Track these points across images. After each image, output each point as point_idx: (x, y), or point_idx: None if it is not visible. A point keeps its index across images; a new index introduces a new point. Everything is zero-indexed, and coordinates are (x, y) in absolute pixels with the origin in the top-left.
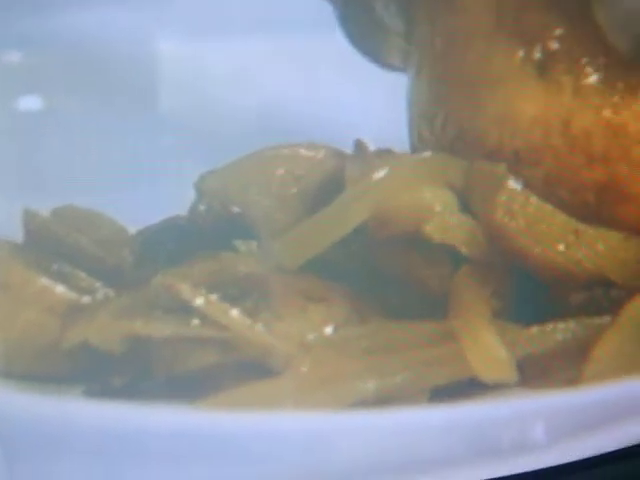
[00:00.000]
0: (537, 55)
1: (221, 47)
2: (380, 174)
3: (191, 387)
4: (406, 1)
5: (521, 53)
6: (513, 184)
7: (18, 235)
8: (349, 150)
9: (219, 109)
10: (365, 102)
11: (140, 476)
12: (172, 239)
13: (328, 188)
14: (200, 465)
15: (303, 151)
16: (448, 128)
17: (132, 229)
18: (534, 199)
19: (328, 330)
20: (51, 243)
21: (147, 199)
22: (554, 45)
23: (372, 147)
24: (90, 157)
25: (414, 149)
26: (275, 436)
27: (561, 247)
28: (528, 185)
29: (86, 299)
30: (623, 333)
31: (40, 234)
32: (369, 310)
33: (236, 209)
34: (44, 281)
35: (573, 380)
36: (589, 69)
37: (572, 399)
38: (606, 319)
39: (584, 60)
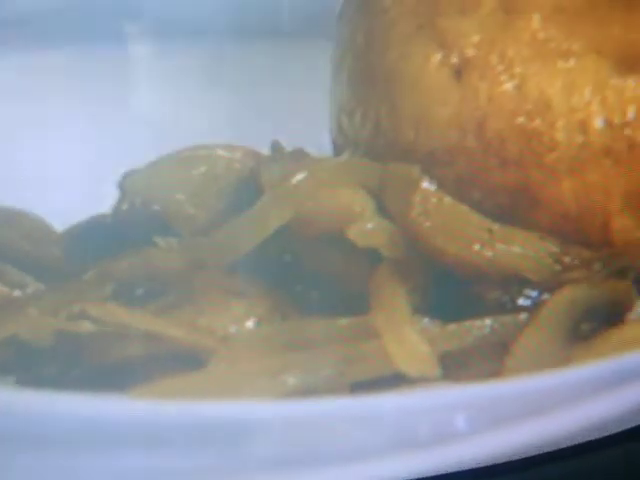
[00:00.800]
0: (453, 60)
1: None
2: (299, 177)
3: (119, 377)
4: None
5: (438, 57)
6: (427, 185)
7: None
8: (266, 151)
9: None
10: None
11: (68, 462)
12: (97, 237)
13: (245, 188)
14: (125, 453)
15: (220, 152)
16: (366, 124)
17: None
18: (448, 199)
19: (249, 324)
20: None
21: (71, 200)
22: (470, 52)
23: (287, 148)
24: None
25: (334, 143)
26: (197, 425)
27: (476, 246)
28: (442, 186)
29: (16, 293)
30: (543, 328)
31: None
32: (290, 307)
33: (157, 207)
34: None
35: (494, 373)
36: (504, 77)
37: (493, 391)
38: (523, 316)
39: (499, 68)
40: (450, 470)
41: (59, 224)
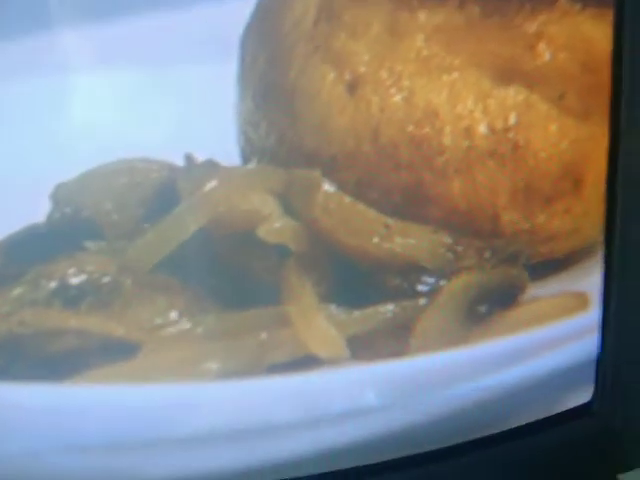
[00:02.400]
0: (347, 76)
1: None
2: (212, 185)
3: (58, 367)
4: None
5: (333, 74)
6: (328, 187)
7: None
8: (180, 162)
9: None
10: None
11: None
12: (33, 243)
13: (162, 195)
14: (65, 434)
15: (138, 164)
16: (271, 135)
17: None
18: (348, 199)
19: (173, 315)
20: None
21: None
22: (361, 69)
23: (200, 159)
24: None
25: (243, 152)
26: (128, 408)
27: (375, 239)
28: (342, 187)
29: None
30: (441, 310)
31: None
32: (209, 300)
33: (86, 215)
34: None
35: (399, 353)
36: (393, 90)
37: (397, 368)
38: (422, 300)
39: (389, 82)
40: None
41: None
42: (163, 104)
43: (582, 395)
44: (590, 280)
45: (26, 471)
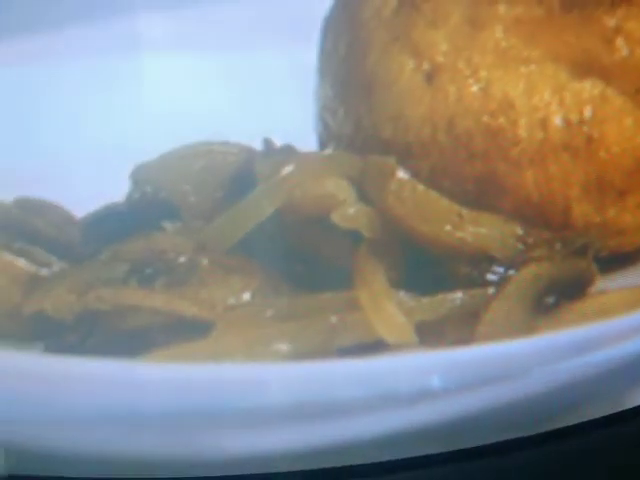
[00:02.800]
0: (425, 66)
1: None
2: (288, 169)
3: (133, 344)
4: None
5: (411, 64)
6: (402, 174)
7: None
8: (258, 146)
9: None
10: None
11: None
12: (112, 222)
13: (239, 179)
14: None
15: (218, 147)
16: (348, 121)
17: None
18: (421, 187)
19: (246, 296)
20: (14, 226)
21: (89, 190)
22: (440, 59)
23: (278, 144)
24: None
25: (320, 137)
26: (199, 385)
27: (447, 227)
28: (416, 175)
29: (44, 271)
30: (509, 300)
31: (4, 219)
32: (282, 281)
33: (164, 195)
34: (8, 256)
35: (465, 341)
36: (471, 80)
37: (464, 355)
38: (491, 290)
39: (466, 73)
40: (428, 424)
41: (79, 211)
42: (244, 89)
43: None
44: None
45: (94, 442)
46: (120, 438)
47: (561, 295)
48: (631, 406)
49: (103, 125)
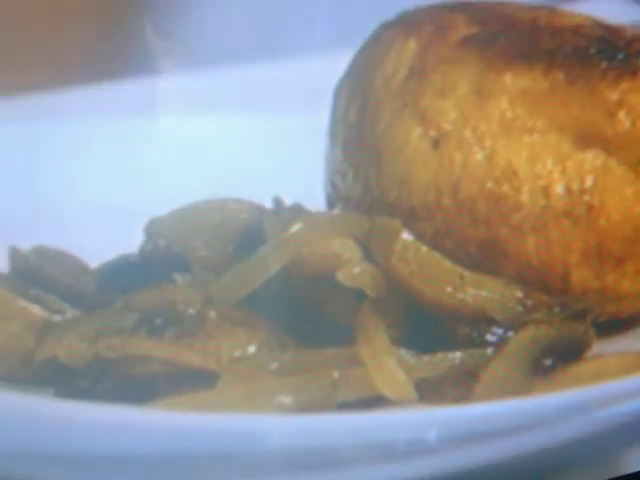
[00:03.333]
0: (432, 133)
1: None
2: (297, 227)
3: (141, 391)
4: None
5: (419, 130)
6: (407, 236)
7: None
8: (268, 205)
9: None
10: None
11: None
12: (125, 272)
13: (249, 235)
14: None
15: (231, 204)
16: (356, 184)
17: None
18: (425, 248)
19: (252, 349)
20: (30, 273)
21: (104, 241)
22: (447, 126)
23: (287, 203)
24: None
25: (328, 198)
26: (204, 433)
27: (448, 289)
28: (420, 237)
29: (57, 317)
30: (508, 361)
31: (22, 266)
32: (286, 336)
33: (177, 249)
34: (24, 302)
35: (463, 398)
36: (476, 148)
37: (462, 413)
38: (490, 350)
39: (472, 140)
40: (422, 478)
41: (93, 262)
42: (255, 149)
43: None
44: None
45: None
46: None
47: (558, 357)
48: (630, 471)
49: (120, 181)
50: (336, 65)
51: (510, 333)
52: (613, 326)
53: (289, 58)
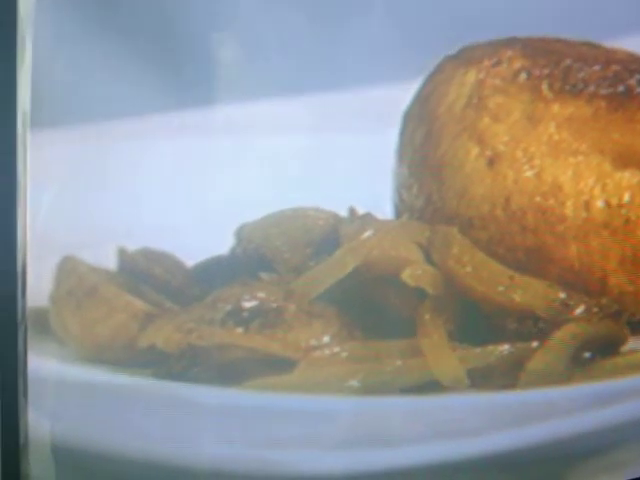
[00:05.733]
0: (488, 153)
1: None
2: (368, 233)
3: (230, 374)
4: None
5: (476, 150)
6: (463, 241)
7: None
8: (344, 213)
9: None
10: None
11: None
12: (216, 271)
13: (327, 239)
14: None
15: (311, 212)
16: (420, 196)
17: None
18: (479, 253)
19: (326, 339)
20: (137, 270)
21: (199, 243)
22: (501, 147)
23: (360, 212)
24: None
25: (396, 208)
26: (284, 413)
27: (499, 288)
28: (475, 243)
29: (157, 310)
30: (550, 354)
31: (128, 265)
32: (356, 328)
33: (263, 251)
34: (129, 296)
35: (510, 386)
36: (526, 167)
37: (509, 398)
38: (534, 343)
39: (523, 160)
40: (475, 456)
41: (190, 261)
42: (336, 165)
43: None
44: None
45: (188, 460)
46: (212, 453)
47: (596, 351)
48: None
49: (214, 191)
50: (404, 94)
51: (553, 329)
52: None
53: (365, 87)
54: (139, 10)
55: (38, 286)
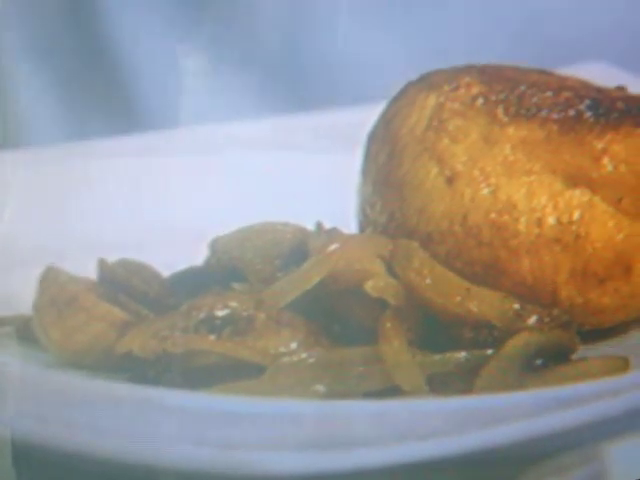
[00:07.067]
0: (447, 172)
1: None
2: (334, 247)
3: (201, 379)
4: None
5: (436, 170)
6: (423, 255)
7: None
8: (311, 227)
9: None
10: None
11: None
12: (191, 281)
13: (295, 252)
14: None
15: (280, 227)
16: (383, 213)
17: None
18: (438, 266)
19: (293, 346)
20: (115, 281)
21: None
22: (459, 167)
23: (326, 226)
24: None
25: (360, 223)
26: (252, 416)
27: (457, 299)
28: (434, 257)
29: (134, 318)
30: (505, 361)
31: (108, 275)
32: (322, 335)
33: (235, 262)
34: (108, 305)
35: (467, 391)
36: (482, 185)
37: (465, 403)
38: (489, 351)
39: (480, 179)
40: (432, 458)
41: (166, 272)
42: (304, 183)
43: None
44: (633, 346)
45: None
46: (183, 454)
47: (548, 359)
48: None
49: (189, 206)
50: (368, 116)
51: (507, 337)
52: (596, 334)
53: (330, 110)
54: (99, 30)
55: (21, 295)
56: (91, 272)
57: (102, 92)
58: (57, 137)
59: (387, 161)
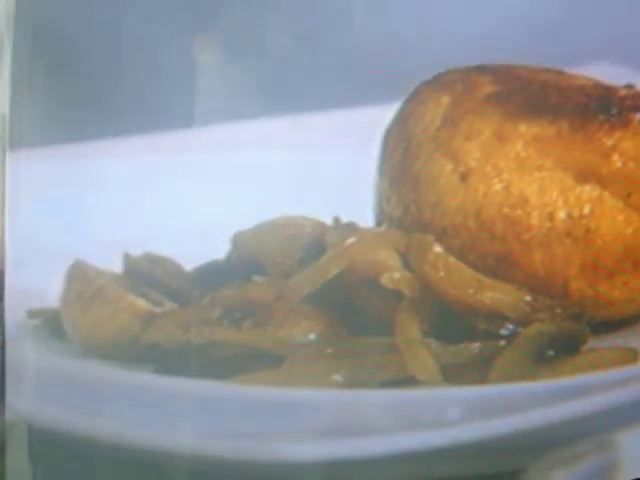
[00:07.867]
0: (461, 168)
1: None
2: (351, 240)
3: (224, 369)
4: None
5: (450, 166)
6: (437, 248)
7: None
8: (329, 222)
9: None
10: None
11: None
12: (213, 274)
13: (314, 246)
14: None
15: (300, 221)
16: (399, 207)
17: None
18: (452, 259)
19: (312, 337)
20: (140, 273)
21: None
22: (472, 164)
23: (344, 221)
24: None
25: (377, 218)
26: (272, 405)
27: (470, 291)
28: (448, 250)
29: (158, 310)
30: (517, 351)
31: (132, 268)
32: (340, 326)
33: (256, 256)
34: (133, 297)
35: (480, 381)
36: (495, 181)
37: (479, 393)
38: (502, 342)
39: (493, 175)
40: (445, 446)
41: (189, 265)
42: (323, 179)
43: None
44: None
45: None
46: (205, 443)
47: (559, 350)
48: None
49: (211, 203)
50: (384, 115)
51: (519, 328)
52: (606, 326)
53: (350, 109)
54: (111, 28)
55: (47, 289)
56: (112, 268)
57: (128, 90)
58: (73, 136)
59: (403, 158)
